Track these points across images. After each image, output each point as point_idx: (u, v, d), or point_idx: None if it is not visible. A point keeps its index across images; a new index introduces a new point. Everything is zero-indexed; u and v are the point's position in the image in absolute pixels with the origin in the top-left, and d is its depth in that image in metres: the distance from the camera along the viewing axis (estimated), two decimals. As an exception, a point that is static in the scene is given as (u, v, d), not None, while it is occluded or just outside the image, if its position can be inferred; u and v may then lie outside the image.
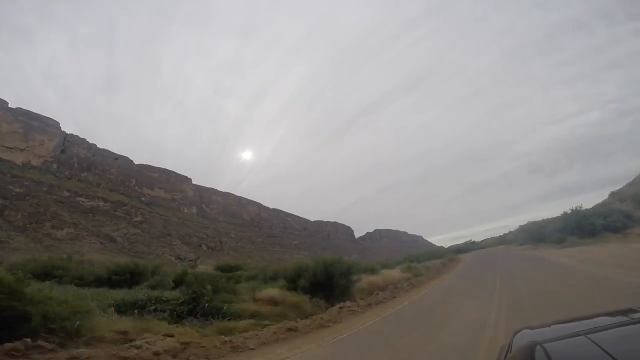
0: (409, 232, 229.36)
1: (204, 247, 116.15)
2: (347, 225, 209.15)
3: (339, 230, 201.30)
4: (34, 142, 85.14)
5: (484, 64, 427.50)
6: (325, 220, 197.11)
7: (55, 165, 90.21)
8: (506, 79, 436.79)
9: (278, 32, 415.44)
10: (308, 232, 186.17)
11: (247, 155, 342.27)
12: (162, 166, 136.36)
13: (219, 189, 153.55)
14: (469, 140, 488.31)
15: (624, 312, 1.57)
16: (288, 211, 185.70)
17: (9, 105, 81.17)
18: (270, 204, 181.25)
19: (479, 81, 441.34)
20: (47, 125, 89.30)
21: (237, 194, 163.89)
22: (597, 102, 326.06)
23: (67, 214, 75.98)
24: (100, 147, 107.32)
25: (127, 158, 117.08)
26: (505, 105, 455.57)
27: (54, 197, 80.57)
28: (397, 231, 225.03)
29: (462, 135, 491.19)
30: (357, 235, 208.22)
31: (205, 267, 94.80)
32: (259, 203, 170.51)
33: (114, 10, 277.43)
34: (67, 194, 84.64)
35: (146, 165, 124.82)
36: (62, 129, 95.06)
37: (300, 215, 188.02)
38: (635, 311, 1.55)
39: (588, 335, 1.15)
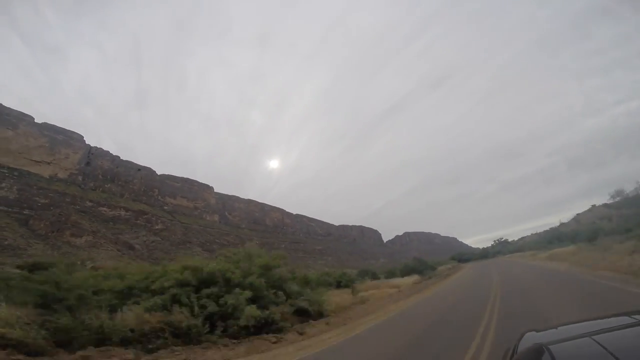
0: (442, 234, 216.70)
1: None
2: (374, 228, 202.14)
3: (366, 234, 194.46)
4: (59, 156, 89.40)
5: (507, 57, 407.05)
6: (350, 225, 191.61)
7: (80, 178, 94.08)
8: (534, 72, 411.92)
9: (293, 39, 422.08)
10: (333, 237, 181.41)
11: (274, 163, 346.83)
12: (194, 177, 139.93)
13: (241, 196, 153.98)
14: (500, 137, 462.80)
15: (630, 314, 1.56)
16: (312, 216, 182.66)
17: (35, 120, 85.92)
18: (297, 210, 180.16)
19: (504, 76, 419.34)
20: (71, 139, 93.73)
21: (263, 201, 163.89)
22: (636, 90, 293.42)
23: (87, 223, 78.02)
24: (124, 159, 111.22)
25: (149, 169, 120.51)
26: (536, 98, 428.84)
27: (77, 207, 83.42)
28: (429, 233, 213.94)
29: (491, 132, 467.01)
30: (385, 238, 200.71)
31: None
32: (281, 209, 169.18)
33: (134, 26, 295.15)
34: (89, 204, 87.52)
35: (168, 175, 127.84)
36: (87, 142, 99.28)
37: (324, 220, 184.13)
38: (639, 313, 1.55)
39: (593, 337, 1.14)
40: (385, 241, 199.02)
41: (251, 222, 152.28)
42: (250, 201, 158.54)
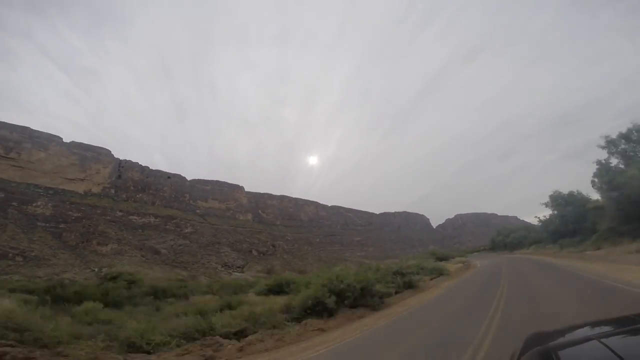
0: (499, 214, 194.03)
1: (254, 253, 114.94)
2: (421, 213, 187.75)
3: (411, 221, 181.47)
4: (90, 171, 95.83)
5: (544, 22, 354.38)
6: (392, 212, 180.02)
7: (112, 190, 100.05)
8: (577, 35, 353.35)
9: (311, 31, 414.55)
10: (374, 227, 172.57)
11: (313, 159, 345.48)
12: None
13: (274, 194, 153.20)
14: (554, 104, 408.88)
15: (632, 318, 1.58)
16: (351, 207, 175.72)
17: (64, 140, 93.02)
18: (340, 202, 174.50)
19: (545, 41, 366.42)
20: (100, 154, 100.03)
21: (306, 197, 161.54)
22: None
23: (114, 232, 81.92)
24: (153, 169, 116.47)
25: (179, 175, 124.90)
26: (587, 61, 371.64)
27: (107, 217, 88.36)
28: (484, 214, 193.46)
29: (543, 100, 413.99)
30: (435, 223, 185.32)
31: (247, 273, 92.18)
32: (315, 202, 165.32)
33: (156, 40, 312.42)
34: (120, 214, 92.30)
35: (199, 179, 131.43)
36: (116, 156, 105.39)
37: (364, 210, 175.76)
38: None
39: (601, 340, 1.13)
40: (435, 226, 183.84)
41: (286, 218, 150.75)
42: (283, 197, 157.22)
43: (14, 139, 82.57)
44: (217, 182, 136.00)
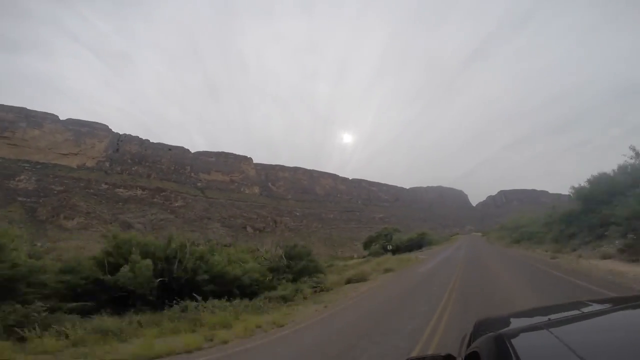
0: (550, 192, 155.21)
1: (249, 229, 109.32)
2: (459, 189, 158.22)
3: (446, 197, 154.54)
4: (85, 146, 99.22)
5: None
6: (425, 187, 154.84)
7: (107, 164, 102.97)
8: None
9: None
10: (401, 203, 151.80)
11: (347, 135, 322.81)
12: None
13: (286, 165, 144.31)
14: (620, 73, 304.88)
15: (576, 305, 1.63)
16: (375, 180, 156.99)
17: (60, 118, 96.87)
18: (374, 178, 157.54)
19: (607, 6, 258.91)
20: (95, 129, 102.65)
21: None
22: None
23: (86, 205, 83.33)
24: (153, 142, 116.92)
25: (182, 148, 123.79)
26: None
27: (91, 191, 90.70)
28: (533, 191, 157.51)
29: (607, 69, 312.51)
30: (474, 201, 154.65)
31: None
32: (334, 174, 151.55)
33: (183, 18, 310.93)
34: (105, 186, 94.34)
35: (203, 151, 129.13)
36: (114, 130, 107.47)
37: (391, 184, 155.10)
38: (587, 304, 1.61)
39: (550, 329, 1.18)
40: (475, 204, 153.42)
41: (298, 192, 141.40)
42: (297, 169, 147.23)
43: (8, 119, 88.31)
44: (223, 153, 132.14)
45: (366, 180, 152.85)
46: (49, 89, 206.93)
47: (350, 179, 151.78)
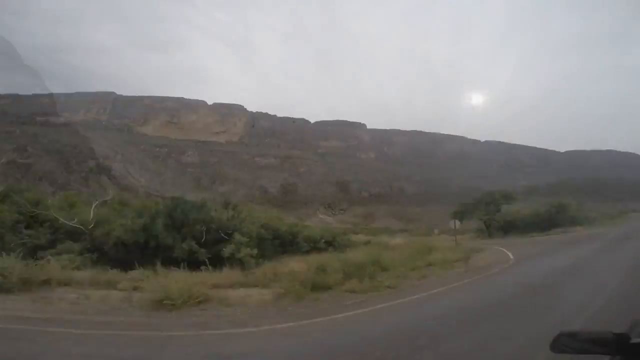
0: None
1: (363, 194, 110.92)
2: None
3: (619, 163, 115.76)
4: (229, 125, 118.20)
5: None
6: (588, 150, 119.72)
7: (247, 138, 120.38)
8: None
9: None
10: (551, 169, 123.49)
11: (477, 96, 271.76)
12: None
13: (402, 129, 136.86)
14: None
15: None
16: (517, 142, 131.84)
17: (208, 103, 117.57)
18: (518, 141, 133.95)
19: None
20: (234, 110, 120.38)
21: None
22: None
23: (233, 173, 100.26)
24: (280, 116, 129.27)
25: (303, 119, 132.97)
26: None
27: (238, 161, 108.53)
28: None
29: None
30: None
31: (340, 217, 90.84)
32: (462, 137, 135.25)
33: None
34: (246, 157, 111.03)
35: (321, 121, 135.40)
36: (249, 110, 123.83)
37: (539, 146, 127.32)
38: None
39: None
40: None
41: (417, 157, 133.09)
42: (416, 132, 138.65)
43: (175, 108, 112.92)
44: (338, 121, 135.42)
45: (505, 143, 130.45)
46: (197, 78, 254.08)
47: (482, 141, 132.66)
